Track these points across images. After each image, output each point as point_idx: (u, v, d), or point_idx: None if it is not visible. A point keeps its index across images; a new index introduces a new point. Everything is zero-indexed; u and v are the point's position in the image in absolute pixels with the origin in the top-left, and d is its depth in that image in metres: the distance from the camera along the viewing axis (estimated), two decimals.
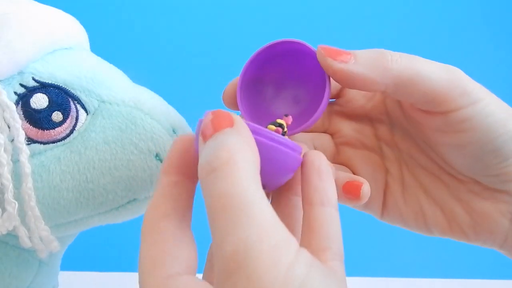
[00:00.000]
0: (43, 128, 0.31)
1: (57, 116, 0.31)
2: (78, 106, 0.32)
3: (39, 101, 0.31)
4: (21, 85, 0.31)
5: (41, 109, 0.31)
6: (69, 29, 0.34)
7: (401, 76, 0.27)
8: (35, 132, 0.31)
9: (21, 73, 0.31)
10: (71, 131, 0.31)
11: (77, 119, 0.32)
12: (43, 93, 0.31)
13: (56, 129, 0.31)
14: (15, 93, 0.31)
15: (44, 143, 0.31)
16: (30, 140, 0.31)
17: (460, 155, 0.29)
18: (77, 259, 0.57)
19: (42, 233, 0.31)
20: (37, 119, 0.31)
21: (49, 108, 0.31)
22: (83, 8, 0.51)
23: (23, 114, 0.31)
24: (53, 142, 0.31)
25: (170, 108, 0.35)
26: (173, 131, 0.33)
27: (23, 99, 0.31)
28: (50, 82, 0.31)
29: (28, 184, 0.30)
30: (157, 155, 0.32)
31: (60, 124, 0.31)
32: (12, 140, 0.30)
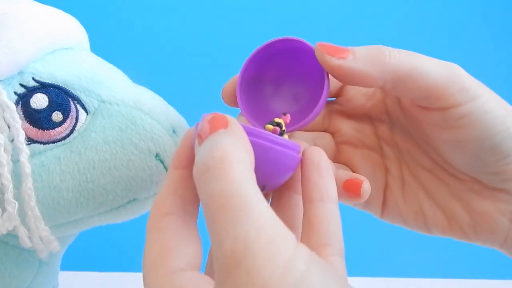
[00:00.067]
0: (43, 128, 0.31)
1: (57, 116, 0.31)
2: (78, 106, 0.32)
3: (39, 101, 0.31)
4: (21, 85, 0.31)
5: (41, 109, 0.31)
6: (69, 29, 0.34)
7: (399, 72, 0.27)
8: (35, 132, 0.31)
9: (21, 73, 0.31)
10: (71, 131, 0.31)
11: (77, 119, 0.32)
12: (43, 93, 0.31)
13: (56, 129, 0.31)
14: (15, 93, 0.31)
15: (44, 143, 0.31)
16: (30, 140, 0.31)
17: (459, 153, 0.29)
18: (77, 259, 0.57)
19: (42, 233, 0.31)
20: (37, 119, 0.31)
21: (49, 108, 0.31)
22: (83, 8, 0.51)
23: (23, 114, 0.31)
24: (53, 142, 0.31)
25: (170, 108, 0.35)
26: (173, 131, 0.33)
27: (23, 99, 0.31)
28: (50, 82, 0.31)
29: (28, 184, 0.30)
30: (157, 155, 0.32)
31: (60, 124, 0.31)
32: (12, 140, 0.30)
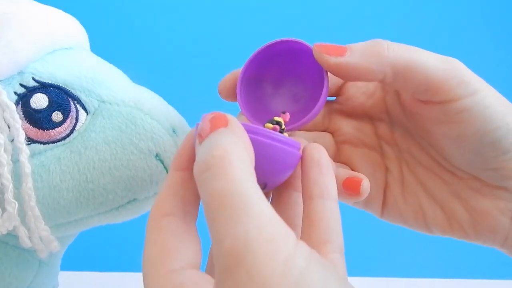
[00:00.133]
0: (43, 128, 0.31)
1: (57, 116, 0.31)
2: (78, 106, 0.32)
3: (39, 101, 0.31)
4: (21, 85, 0.31)
5: (41, 109, 0.31)
6: (69, 29, 0.35)
7: (398, 64, 0.27)
8: (35, 132, 0.31)
9: (21, 73, 0.31)
10: (71, 131, 0.31)
11: (77, 119, 0.32)
12: (43, 93, 0.31)
13: (56, 129, 0.31)
14: (15, 93, 0.31)
15: (44, 143, 0.31)
16: (30, 140, 0.31)
17: (459, 148, 0.29)
18: (77, 259, 0.57)
19: (42, 233, 0.31)
20: (37, 119, 0.31)
21: (49, 108, 0.31)
22: (83, 8, 0.51)
23: (23, 114, 0.31)
24: (53, 142, 0.31)
25: (170, 108, 0.35)
26: (173, 131, 0.33)
27: (23, 99, 0.31)
28: (50, 82, 0.31)
29: (28, 184, 0.30)
30: (157, 155, 0.32)
31: (60, 124, 0.31)
32: (12, 140, 0.30)
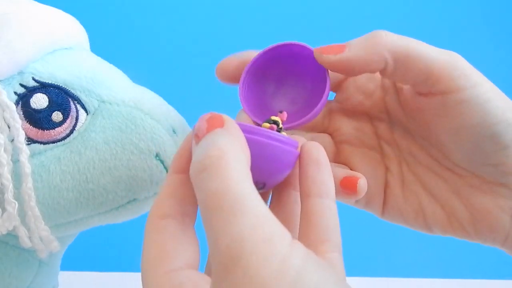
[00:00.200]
0: (43, 128, 0.31)
1: (57, 116, 0.31)
2: (78, 106, 0.32)
3: (39, 101, 0.31)
4: (21, 85, 0.31)
5: (41, 109, 0.31)
6: (69, 29, 0.35)
7: (398, 52, 0.27)
8: (35, 132, 0.31)
9: (21, 73, 0.31)
10: (71, 131, 0.31)
11: (77, 119, 0.32)
12: (43, 93, 0.31)
13: (56, 129, 0.31)
14: (15, 93, 0.31)
15: (44, 143, 0.31)
16: (30, 140, 0.31)
17: (459, 142, 0.29)
18: (77, 259, 0.57)
19: (42, 233, 0.31)
20: (37, 119, 0.31)
21: (49, 108, 0.31)
22: (83, 8, 0.51)
23: (23, 114, 0.31)
24: (53, 142, 0.31)
25: (170, 108, 0.35)
26: (173, 131, 0.33)
27: (23, 99, 0.31)
28: (50, 82, 0.31)
29: (28, 184, 0.30)
30: (157, 155, 0.32)
31: (60, 124, 0.31)
32: (12, 140, 0.30)
